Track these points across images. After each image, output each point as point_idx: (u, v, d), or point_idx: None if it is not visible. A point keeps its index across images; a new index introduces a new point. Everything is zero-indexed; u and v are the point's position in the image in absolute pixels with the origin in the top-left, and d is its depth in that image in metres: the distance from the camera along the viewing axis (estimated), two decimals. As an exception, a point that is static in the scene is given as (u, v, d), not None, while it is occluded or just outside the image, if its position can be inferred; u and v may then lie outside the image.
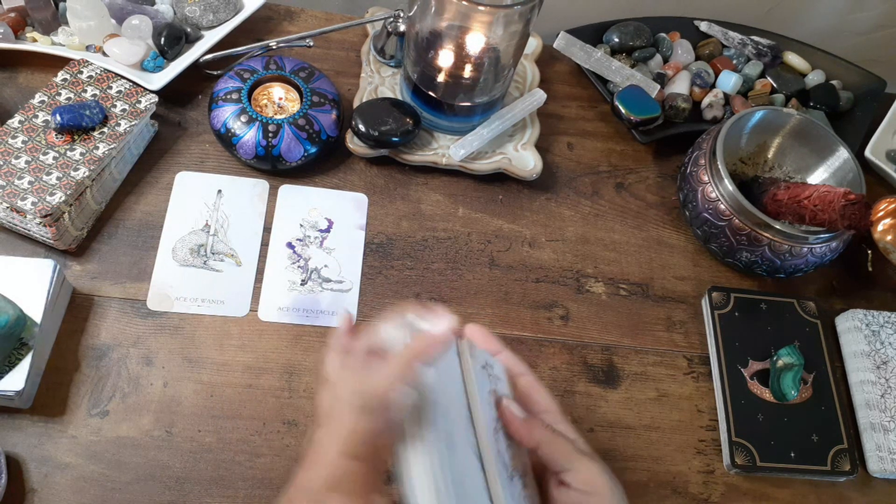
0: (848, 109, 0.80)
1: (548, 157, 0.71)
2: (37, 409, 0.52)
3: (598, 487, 0.37)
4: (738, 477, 0.58)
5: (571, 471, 0.38)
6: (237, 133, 0.62)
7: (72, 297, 0.56)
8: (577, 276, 0.65)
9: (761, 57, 0.81)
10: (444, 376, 0.38)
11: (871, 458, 0.59)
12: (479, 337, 0.44)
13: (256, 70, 0.65)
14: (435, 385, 0.37)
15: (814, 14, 0.87)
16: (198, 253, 0.60)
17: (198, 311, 0.57)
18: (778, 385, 0.59)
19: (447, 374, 0.39)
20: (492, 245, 0.66)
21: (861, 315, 0.64)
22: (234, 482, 0.51)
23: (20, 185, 0.55)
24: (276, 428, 0.54)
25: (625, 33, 0.78)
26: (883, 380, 0.61)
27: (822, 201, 0.59)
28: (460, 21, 0.61)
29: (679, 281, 0.67)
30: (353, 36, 0.76)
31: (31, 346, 0.50)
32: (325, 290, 0.60)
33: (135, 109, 0.61)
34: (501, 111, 0.69)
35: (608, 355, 0.62)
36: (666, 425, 0.59)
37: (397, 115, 0.65)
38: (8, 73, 0.66)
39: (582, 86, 0.78)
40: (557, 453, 0.38)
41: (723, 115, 0.76)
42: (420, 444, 0.35)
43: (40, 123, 0.58)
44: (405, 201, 0.66)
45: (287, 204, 0.64)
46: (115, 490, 0.50)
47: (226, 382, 0.55)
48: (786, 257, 0.61)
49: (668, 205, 0.72)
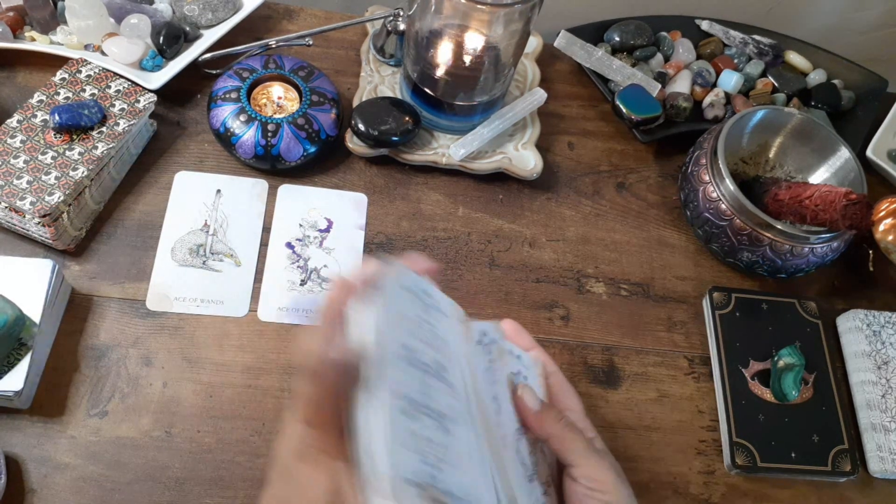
0: (849, 109, 0.80)
1: (548, 156, 0.71)
2: (36, 410, 0.52)
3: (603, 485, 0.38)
4: (738, 477, 0.58)
5: (578, 466, 0.38)
6: (236, 132, 0.62)
7: (71, 298, 0.56)
8: (578, 277, 0.65)
9: (763, 56, 0.81)
10: (403, 323, 0.33)
11: (871, 459, 0.59)
12: (511, 331, 0.44)
13: (255, 69, 0.65)
14: (388, 329, 0.32)
15: (815, 13, 0.87)
16: (197, 253, 0.60)
17: (197, 312, 0.57)
18: (779, 385, 0.59)
19: (408, 321, 0.34)
20: (492, 245, 0.66)
21: (862, 315, 0.64)
22: (234, 482, 0.51)
23: (19, 185, 0.55)
24: (276, 428, 0.54)
25: (626, 32, 0.78)
26: (884, 380, 0.61)
27: (824, 201, 0.59)
28: (460, 20, 0.60)
29: (680, 281, 0.67)
30: (353, 35, 0.75)
31: (30, 347, 0.50)
32: (324, 290, 0.60)
33: (133, 109, 0.60)
34: (502, 110, 0.69)
35: (609, 356, 0.62)
36: (666, 426, 0.59)
37: (397, 115, 0.65)
38: (6, 72, 0.66)
39: (583, 85, 0.78)
40: (567, 447, 0.39)
41: (724, 115, 0.75)
42: (374, 391, 0.30)
43: (39, 123, 0.58)
44: (405, 201, 0.66)
45: (286, 204, 0.64)
46: (115, 490, 0.50)
47: (225, 383, 0.55)
48: (787, 257, 0.61)
49: (669, 204, 0.71)
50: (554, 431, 0.39)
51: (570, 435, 0.39)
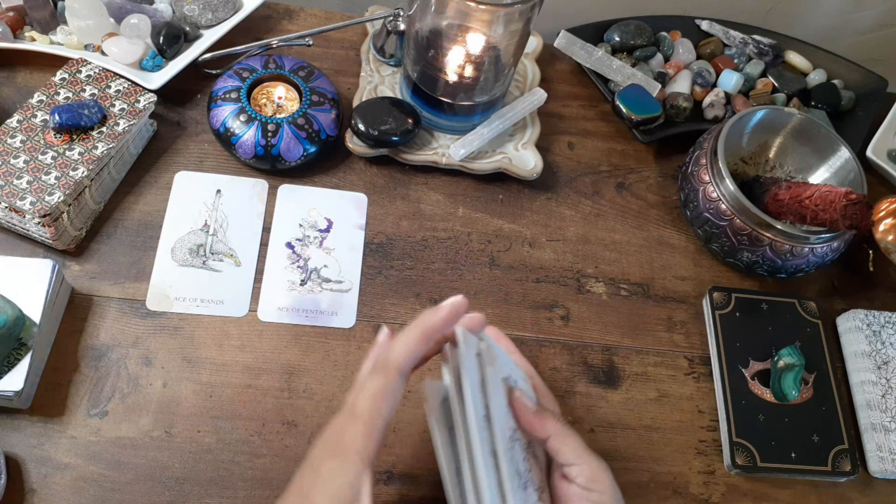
0: (849, 109, 0.80)
1: (548, 156, 0.71)
2: (36, 410, 0.52)
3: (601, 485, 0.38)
4: (738, 477, 0.58)
5: (577, 465, 0.39)
6: (236, 132, 0.62)
7: (71, 297, 0.56)
8: (578, 277, 0.65)
9: (763, 56, 0.81)
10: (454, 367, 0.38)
11: (871, 459, 0.59)
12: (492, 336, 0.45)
13: (255, 69, 0.65)
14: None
15: (815, 13, 0.87)
16: (197, 253, 0.60)
17: (197, 312, 0.57)
18: (779, 385, 0.59)
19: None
20: (492, 245, 0.66)
21: (862, 315, 0.64)
22: (234, 483, 0.51)
23: (19, 185, 0.55)
24: (276, 428, 0.54)
25: (626, 32, 0.78)
26: (884, 380, 0.61)
27: (824, 201, 0.59)
28: (460, 20, 0.60)
29: (680, 281, 0.67)
30: (353, 35, 0.75)
31: (30, 347, 0.50)
32: (324, 290, 0.60)
33: (133, 109, 0.60)
34: (502, 110, 0.69)
35: (609, 356, 0.62)
36: (666, 426, 0.59)
37: (397, 115, 0.65)
38: (6, 72, 0.66)
39: (583, 85, 0.78)
40: (567, 447, 0.39)
41: (724, 115, 0.75)
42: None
43: (39, 123, 0.58)
44: (405, 201, 0.66)
45: (286, 204, 0.64)
46: (115, 490, 0.50)
47: (225, 383, 0.55)
48: (787, 257, 0.61)
49: (669, 204, 0.71)
50: (554, 430, 0.39)
51: (570, 434, 0.40)
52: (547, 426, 0.39)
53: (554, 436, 0.39)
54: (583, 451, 0.39)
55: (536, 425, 0.39)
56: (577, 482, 0.38)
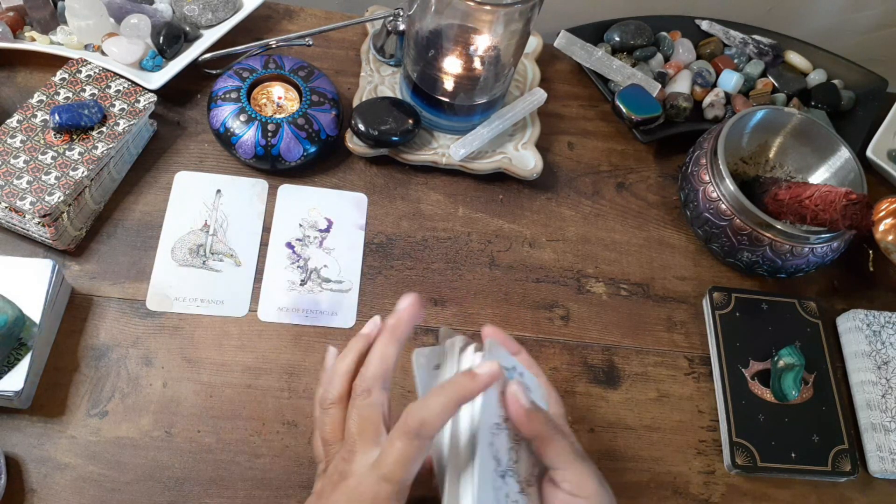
0: (849, 109, 0.80)
1: (548, 156, 0.71)
2: (36, 410, 0.52)
3: (586, 491, 0.37)
4: (738, 477, 0.58)
5: (561, 470, 0.38)
6: (236, 132, 0.62)
7: (71, 297, 0.56)
8: (578, 277, 0.65)
9: (762, 56, 0.81)
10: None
11: (871, 459, 0.59)
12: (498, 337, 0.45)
13: (255, 69, 0.65)
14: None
15: (815, 13, 0.87)
16: (197, 253, 0.60)
17: (197, 312, 0.57)
18: (779, 385, 0.59)
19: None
20: (492, 245, 0.66)
21: (862, 315, 0.64)
22: (234, 483, 0.51)
23: (19, 185, 0.55)
24: (276, 428, 0.54)
25: (626, 32, 0.78)
26: (884, 380, 0.61)
27: (824, 201, 0.59)
28: (460, 20, 0.60)
29: (680, 281, 0.67)
30: (353, 35, 0.75)
31: (30, 347, 0.50)
32: (324, 290, 0.60)
33: (133, 109, 0.60)
34: (502, 110, 0.69)
35: (609, 356, 0.62)
36: (666, 426, 0.59)
37: (397, 115, 0.65)
38: (6, 72, 0.66)
39: (583, 85, 0.78)
40: (552, 450, 0.38)
41: (724, 115, 0.75)
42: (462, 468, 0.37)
43: (39, 123, 0.58)
44: (405, 201, 0.66)
45: (286, 204, 0.64)
46: (115, 490, 0.50)
47: (225, 383, 0.55)
48: (787, 257, 0.61)
49: (669, 204, 0.71)
50: (541, 432, 0.38)
51: (558, 438, 0.38)
52: (534, 426, 0.38)
53: (540, 438, 0.38)
54: (569, 457, 0.38)
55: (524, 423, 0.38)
56: (563, 487, 0.37)
